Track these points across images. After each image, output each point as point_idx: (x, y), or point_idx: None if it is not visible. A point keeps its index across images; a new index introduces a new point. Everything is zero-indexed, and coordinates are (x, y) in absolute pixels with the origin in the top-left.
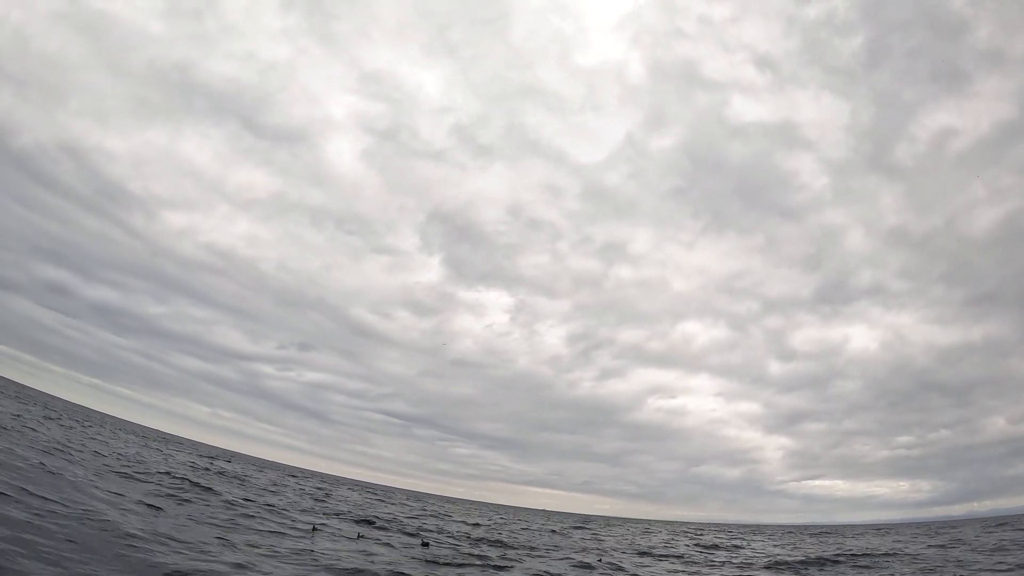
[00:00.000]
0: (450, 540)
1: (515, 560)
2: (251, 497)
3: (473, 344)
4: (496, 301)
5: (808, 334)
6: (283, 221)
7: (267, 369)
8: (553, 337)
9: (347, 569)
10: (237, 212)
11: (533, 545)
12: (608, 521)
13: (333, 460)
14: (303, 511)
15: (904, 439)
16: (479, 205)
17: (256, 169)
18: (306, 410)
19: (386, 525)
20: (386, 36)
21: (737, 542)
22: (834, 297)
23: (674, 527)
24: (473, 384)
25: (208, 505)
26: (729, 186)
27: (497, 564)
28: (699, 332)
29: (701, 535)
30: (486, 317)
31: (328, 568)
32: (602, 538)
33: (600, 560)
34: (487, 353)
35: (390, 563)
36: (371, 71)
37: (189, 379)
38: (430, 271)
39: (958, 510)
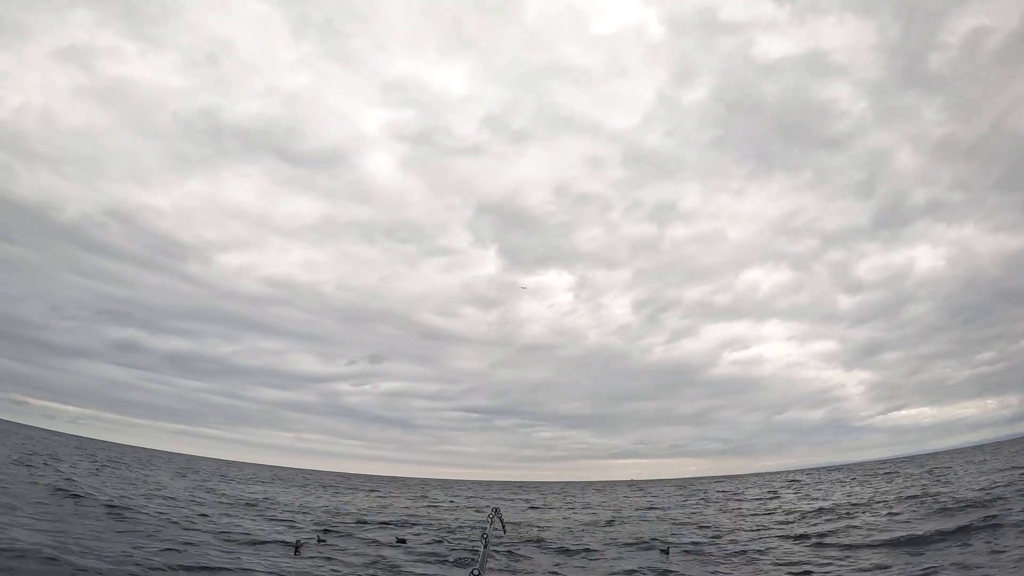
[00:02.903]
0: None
1: None
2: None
3: (541, 327)
4: (557, 281)
5: (872, 262)
6: (335, 242)
7: (343, 387)
8: (619, 307)
9: None
10: (289, 242)
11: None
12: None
13: (422, 464)
14: None
15: (985, 355)
16: (524, 190)
17: (300, 197)
18: (388, 420)
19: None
20: (401, 44)
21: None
22: (892, 221)
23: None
24: (547, 367)
25: None
26: (768, 126)
27: None
28: (763, 278)
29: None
30: (549, 299)
31: None
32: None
33: None
34: (556, 334)
35: None
36: (393, 80)
37: (270, 409)
38: (487, 264)
39: None
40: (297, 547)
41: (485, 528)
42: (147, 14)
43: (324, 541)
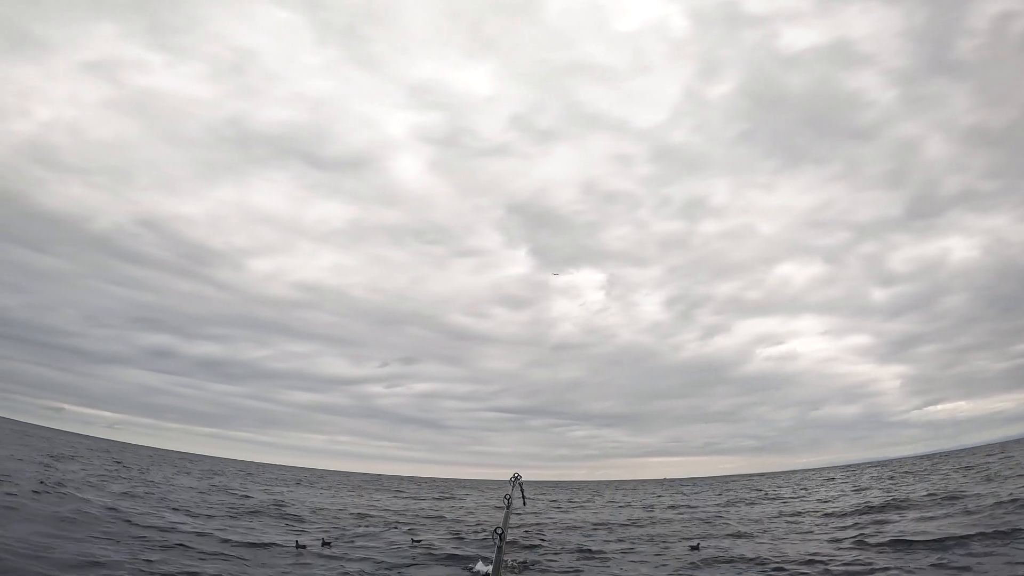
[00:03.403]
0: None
1: None
2: None
3: (572, 327)
4: (588, 280)
5: (905, 254)
6: (364, 245)
7: (376, 389)
8: (650, 305)
9: None
10: (318, 246)
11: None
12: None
13: (455, 465)
14: None
15: (1022, 346)
16: (552, 189)
17: (328, 202)
18: (420, 421)
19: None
20: (423, 47)
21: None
22: (925, 211)
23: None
24: (579, 366)
25: None
26: (796, 119)
27: None
28: (795, 272)
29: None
30: (580, 297)
31: None
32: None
33: None
34: (587, 332)
35: None
36: (417, 83)
37: (302, 412)
38: (517, 264)
39: None
40: (299, 548)
41: (508, 493)
42: (172, 26)
43: (330, 544)
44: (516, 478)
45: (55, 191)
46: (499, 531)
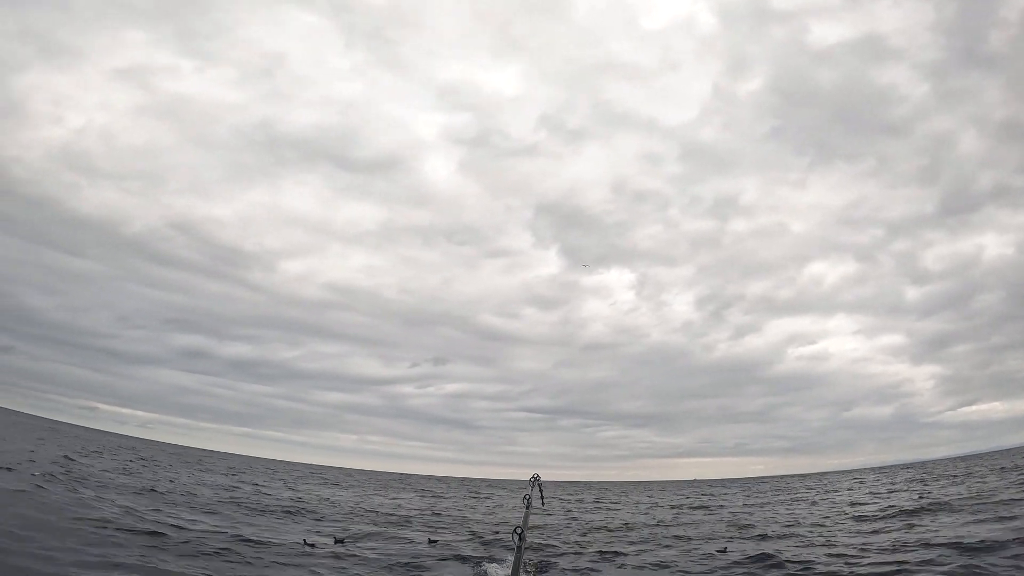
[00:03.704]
0: None
1: None
2: None
3: (603, 326)
4: (618, 280)
5: (939, 251)
6: (395, 246)
7: (406, 389)
8: (681, 304)
9: None
10: (349, 247)
11: None
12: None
13: (485, 465)
14: None
15: None
16: (582, 189)
17: (359, 203)
18: (451, 421)
19: None
20: (452, 48)
21: None
22: (958, 207)
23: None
24: (609, 366)
25: None
26: (826, 115)
27: None
28: (827, 271)
29: None
30: (611, 297)
31: None
32: None
33: None
34: (618, 332)
35: None
36: (446, 85)
37: (333, 412)
38: (548, 264)
39: None
40: (307, 546)
41: (528, 493)
42: (201, 32)
43: (342, 541)
44: (535, 479)
45: (88, 196)
46: (519, 531)
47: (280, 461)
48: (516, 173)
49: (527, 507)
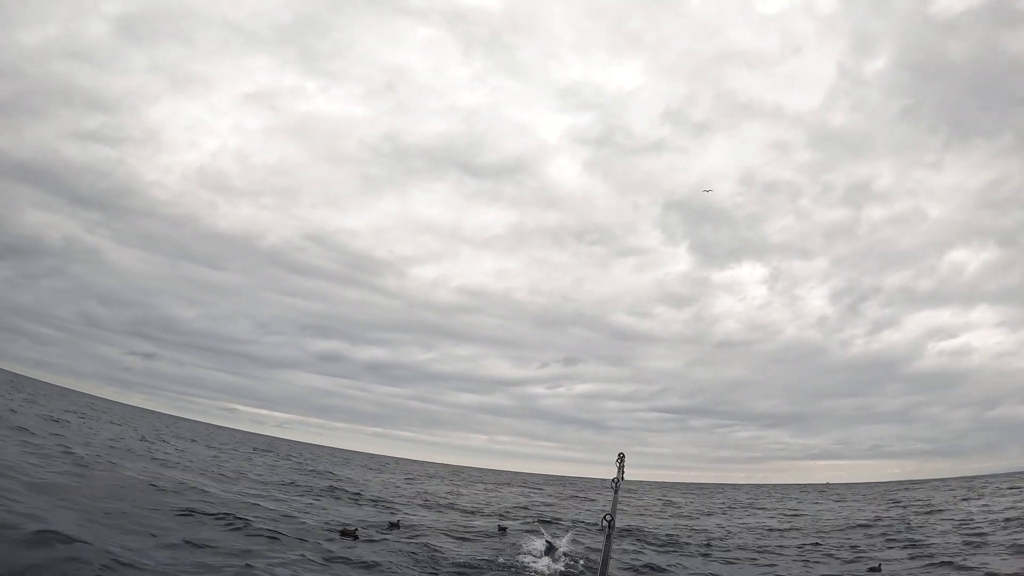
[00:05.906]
0: None
1: None
2: None
3: (736, 323)
4: (750, 275)
5: None
6: (525, 248)
7: (538, 390)
8: (815, 298)
9: None
10: (480, 252)
11: None
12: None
13: (614, 465)
14: None
15: None
16: (710, 183)
17: (488, 208)
18: (582, 422)
19: None
20: (570, 49)
21: None
22: None
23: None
24: (743, 364)
25: None
26: (960, 89)
27: None
28: (968, 258)
29: None
30: (743, 293)
31: None
32: None
33: None
34: (751, 329)
35: None
36: (567, 86)
37: (464, 412)
38: (679, 261)
39: None
40: (351, 534)
41: (616, 477)
42: (322, 52)
43: (397, 526)
44: (621, 458)
45: (226, 213)
46: (608, 519)
47: (412, 460)
48: (642, 170)
49: (616, 491)
